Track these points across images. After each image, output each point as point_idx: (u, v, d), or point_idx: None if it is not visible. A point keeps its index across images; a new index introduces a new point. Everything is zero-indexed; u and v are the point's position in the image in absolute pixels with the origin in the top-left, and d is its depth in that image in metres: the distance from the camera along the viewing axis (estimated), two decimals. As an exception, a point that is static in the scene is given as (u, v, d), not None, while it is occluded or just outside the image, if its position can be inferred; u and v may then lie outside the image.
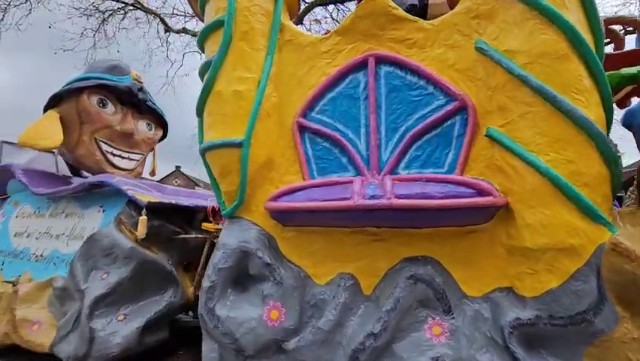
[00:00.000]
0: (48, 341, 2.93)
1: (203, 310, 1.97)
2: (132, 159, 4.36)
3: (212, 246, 3.62)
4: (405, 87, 2.03)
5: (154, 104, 4.47)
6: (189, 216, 3.80)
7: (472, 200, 1.64)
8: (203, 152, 2.12)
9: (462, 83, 1.91)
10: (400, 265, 1.90)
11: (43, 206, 3.88)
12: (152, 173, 5.15)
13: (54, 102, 3.96)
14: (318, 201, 1.84)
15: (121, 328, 2.82)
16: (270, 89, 2.13)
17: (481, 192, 1.66)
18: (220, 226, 3.64)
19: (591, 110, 1.57)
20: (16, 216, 3.99)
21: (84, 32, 11.16)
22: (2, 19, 10.14)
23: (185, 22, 12.04)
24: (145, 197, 3.16)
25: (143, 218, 3.04)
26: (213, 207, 3.56)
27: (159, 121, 4.62)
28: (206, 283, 2.00)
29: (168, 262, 3.28)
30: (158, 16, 11.62)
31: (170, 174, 33.38)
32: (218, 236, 3.78)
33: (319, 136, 2.14)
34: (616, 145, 1.55)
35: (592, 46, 1.63)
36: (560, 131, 1.58)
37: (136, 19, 11.76)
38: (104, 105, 3.98)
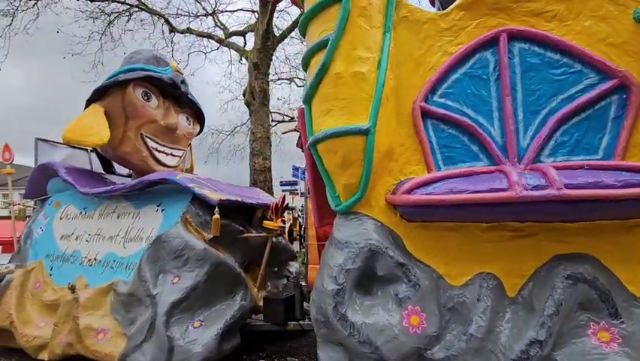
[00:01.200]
0: (117, 350, 2.72)
1: (330, 316, 1.77)
2: (175, 155, 4.13)
3: (272, 245, 3.42)
4: (545, 65, 1.83)
5: (193, 97, 4.24)
6: (249, 214, 3.59)
7: (659, 189, 1.45)
8: (319, 141, 1.90)
9: (618, 59, 1.71)
10: (552, 263, 1.71)
11: (90, 206, 3.65)
12: (190, 170, 4.91)
13: (97, 96, 3.71)
14: (466, 193, 1.63)
15: (199, 335, 2.62)
16: (388, 71, 1.92)
17: (669, 180, 1.46)
18: (282, 224, 3.44)
19: None
20: (60, 218, 3.75)
21: (91, 35, 10.91)
22: (11, 24, 9.85)
23: (190, 22, 11.80)
24: (213, 195, 2.94)
25: (217, 217, 2.82)
26: (276, 204, 3.36)
27: (196, 115, 4.38)
28: (331, 286, 1.79)
29: (236, 264, 3.07)
30: (163, 16, 11.38)
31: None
32: (280, 234, 3.61)
33: (444, 122, 1.94)
34: None
35: None
36: None
37: (141, 20, 11.51)
38: (148, 98, 3.74)
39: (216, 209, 2.83)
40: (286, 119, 21.21)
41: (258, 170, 8.61)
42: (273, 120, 19.91)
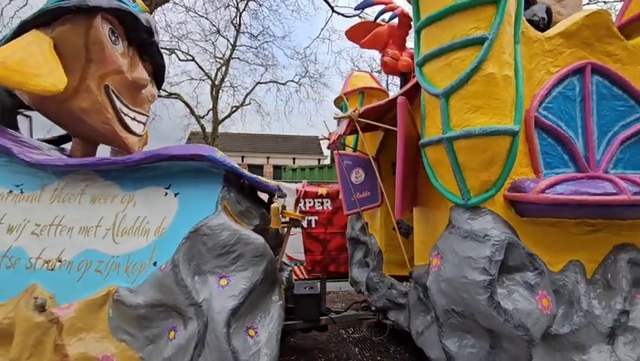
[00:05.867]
0: (137, 381, 2.03)
1: (481, 306, 1.82)
2: (140, 122, 3.21)
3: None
4: (611, 97, 2.33)
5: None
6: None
7: (698, 198, 2.09)
8: (469, 136, 1.90)
9: (655, 102, 2.34)
10: (614, 251, 2.22)
11: (31, 184, 2.53)
12: (144, 143, 3.89)
13: (44, 19, 2.55)
14: (587, 195, 1.96)
15: (260, 346, 2.21)
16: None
17: (699, 192, 2.13)
18: (301, 215, 3.18)
19: None
20: (-34, 199, 2.44)
21: None
22: None
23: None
24: (268, 180, 2.48)
25: (277, 207, 2.39)
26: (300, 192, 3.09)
27: (154, 73, 3.52)
28: (481, 277, 1.84)
29: (270, 259, 2.68)
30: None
31: None
32: (299, 225, 3.29)
33: (546, 132, 2.23)
34: None
35: None
36: None
37: None
38: (115, 40, 2.81)
39: (276, 197, 2.42)
40: (163, 94, 18.75)
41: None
42: (149, 94, 17.20)
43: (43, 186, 2.51)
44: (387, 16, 3.20)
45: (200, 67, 19.03)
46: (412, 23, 3.20)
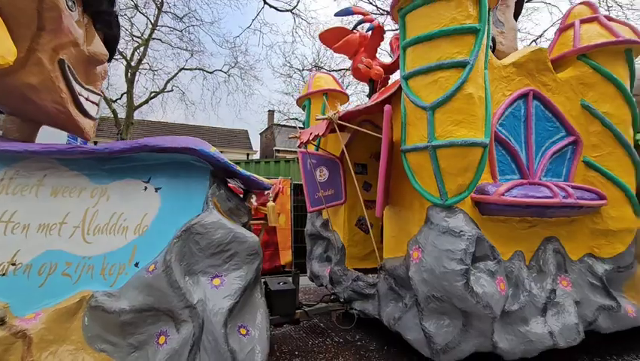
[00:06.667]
0: (123, 392, 1.88)
1: (459, 291, 2.13)
2: (93, 102, 2.86)
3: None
4: (544, 119, 2.89)
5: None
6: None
7: (600, 202, 2.74)
8: (451, 146, 2.19)
9: (574, 125, 2.97)
10: (544, 242, 2.77)
11: (-33, 174, 2.10)
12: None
13: None
14: (533, 198, 2.43)
15: (253, 344, 2.22)
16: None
17: (602, 197, 2.78)
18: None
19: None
20: None
21: None
22: None
23: None
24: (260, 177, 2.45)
25: (273, 205, 2.39)
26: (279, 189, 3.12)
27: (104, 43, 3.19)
28: (458, 267, 2.14)
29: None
30: None
31: None
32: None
33: (500, 144, 2.67)
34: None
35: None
36: (627, 163, 2.90)
37: None
38: (72, 6, 2.50)
39: (270, 195, 2.42)
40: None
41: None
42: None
43: (-16, 176, 2.13)
44: (363, 26, 3.41)
45: (115, 45, 17.00)
46: (384, 35, 3.46)
